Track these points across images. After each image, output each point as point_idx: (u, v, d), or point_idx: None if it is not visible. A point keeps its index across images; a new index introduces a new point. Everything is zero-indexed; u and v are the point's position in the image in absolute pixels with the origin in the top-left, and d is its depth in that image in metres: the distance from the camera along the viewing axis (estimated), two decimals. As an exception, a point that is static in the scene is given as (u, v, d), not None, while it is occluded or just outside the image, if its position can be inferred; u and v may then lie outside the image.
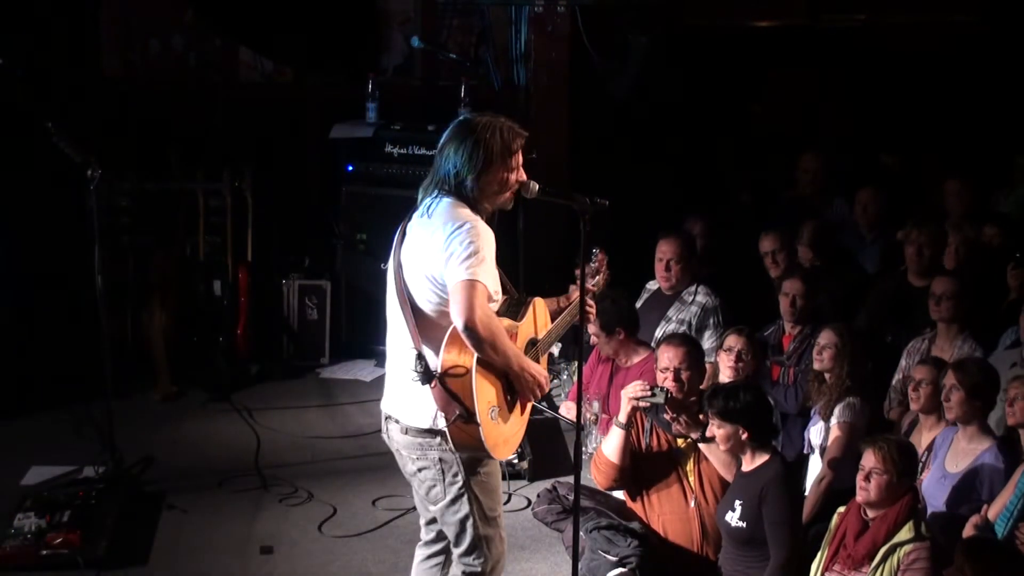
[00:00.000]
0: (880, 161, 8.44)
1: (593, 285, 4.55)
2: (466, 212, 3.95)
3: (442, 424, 3.90)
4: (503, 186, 4.01)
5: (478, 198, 3.99)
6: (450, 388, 3.85)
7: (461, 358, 3.85)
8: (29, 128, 6.18)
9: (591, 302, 4.38)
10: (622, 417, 5.14)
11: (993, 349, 5.93)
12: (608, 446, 5.19)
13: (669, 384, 5.23)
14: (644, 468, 5.23)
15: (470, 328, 3.77)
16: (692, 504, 5.13)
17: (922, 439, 5.27)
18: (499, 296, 4.05)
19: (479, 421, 3.84)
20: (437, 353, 3.89)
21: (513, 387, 4.04)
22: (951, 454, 5.05)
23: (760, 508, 4.79)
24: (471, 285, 3.78)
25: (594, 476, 5.30)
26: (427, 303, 3.97)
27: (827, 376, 5.61)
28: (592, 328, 6.08)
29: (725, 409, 4.91)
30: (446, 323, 3.86)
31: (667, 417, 5.17)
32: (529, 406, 4.17)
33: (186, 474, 6.17)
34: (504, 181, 4.01)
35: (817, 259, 6.85)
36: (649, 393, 5.07)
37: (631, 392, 5.11)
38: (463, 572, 4.15)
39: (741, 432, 4.90)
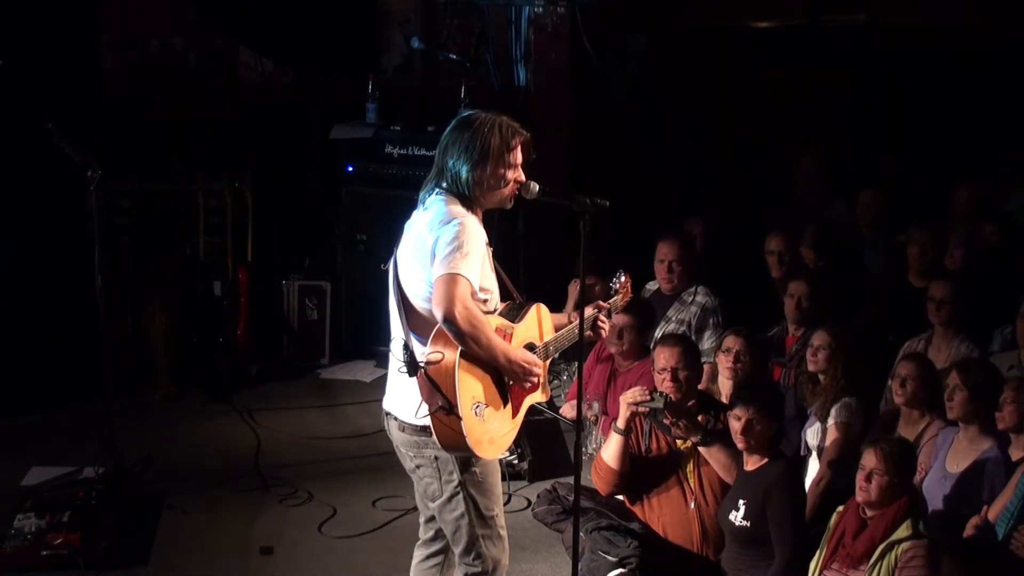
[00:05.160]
0: (880, 161, 8.43)
1: (610, 303, 4.54)
2: (458, 209, 3.97)
3: (426, 416, 3.90)
4: (500, 182, 4.02)
5: (474, 194, 4.01)
6: (432, 378, 3.86)
7: (446, 349, 3.86)
8: (29, 129, 6.18)
9: (604, 319, 4.39)
10: (620, 423, 5.13)
11: (988, 345, 5.94)
12: (607, 452, 5.18)
13: (667, 385, 5.23)
14: (644, 471, 5.23)
15: (449, 321, 3.79)
16: (692, 505, 5.13)
17: (907, 434, 5.26)
18: (490, 295, 4.05)
19: (460, 415, 3.84)
20: (424, 345, 3.91)
21: (505, 386, 4.04)
22: (952, 454, 5.05)
23: (764, 508, 4.79)
24: (452, 279, 3.80)
25: (595, 482, 5.29)
26: (417, 298, 4.00)
27: (822, 377, 5.61)
28: (623, 319, 6.03)
29: (770, 403, 4.89)
30: (436, 319, 3.88)
31: (666, 422, 5.16)
32: (524, 408, 4.16)
33: (186, 474, 6.17)
34: (501, 178, 4.01)
35: (820, 260, 6.85)
36: (648, 398, 5.05)
37: (630, 398, 5.09)
38: (464, 574, 4.16)
39: (772, 429, 4.89)
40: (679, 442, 5.21)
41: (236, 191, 7.56)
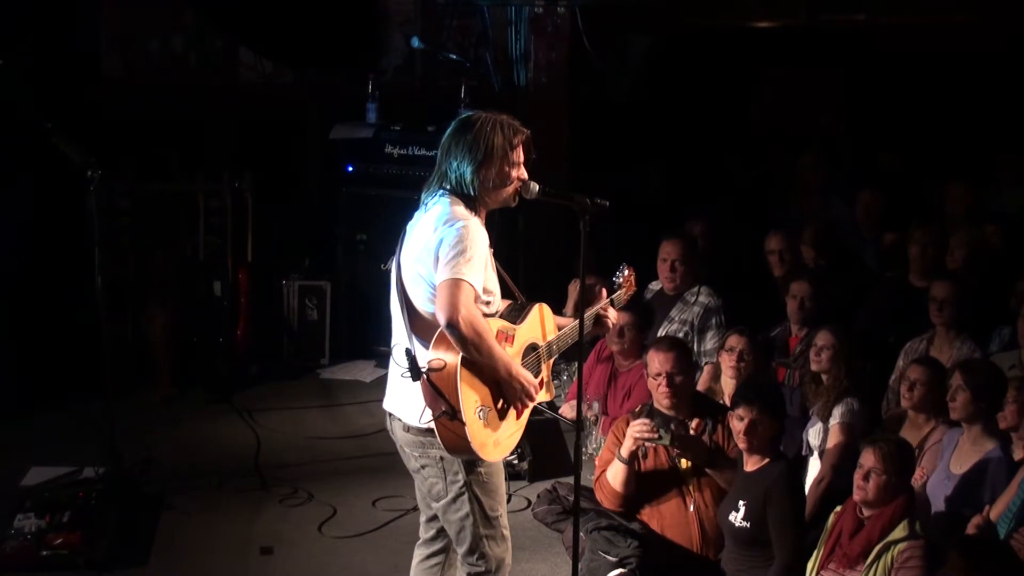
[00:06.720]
0: (880, 161, 8.44)
1: (613, 296, 4.53)
2: (461, 211, 3.96)
3: (430, 421, 3.90)
4: (503, 181, 4.01)
5: (478, 194, 4.00)
6: (435, 384, 3.86)
7: (448, 355, 3.86)
8: (29, 129, 6.17)
9: (608, 313, 4.39)
10: (624, 453, 5.08)
11: (987, 345, 5.94)
12: (612, 476, 5.14)
13: (662, 391, 5.20)
14: (643, 475, 5.19)
15: (452, 326, 3.78)
16: (691, 508, 5.11)
17: (911, 437, 5.26)
18: (493, 296, 4.05)
19: (464, 420, 3.83)
20: (427, 349, 3.91)
21: None
22: (956, 455, 5.04)
23: (764, 509, 4.78)
24: (456, 284, 3.80)
25: (600, 500, 5.25)
26: (420, 301, 3.99)
27: (824, 377, 5.60)
28: (624, 318, 6.03)
29: (773, 404, 4.90)
30: (439, 323, 3.87)
31: (674, 453, 5.13)
32: (527, 411, 4.15)
33: (186, 474, 6.17)
34: (507, 176, 4.01)
35: (820, 259, 6.85)
36: (656, 436, 4.99)
37: (636, 432, 5.03)
38: (468, 574, 4.16)
39: (774, 429, 4.89)
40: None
41: (236, 191, 7.56)
